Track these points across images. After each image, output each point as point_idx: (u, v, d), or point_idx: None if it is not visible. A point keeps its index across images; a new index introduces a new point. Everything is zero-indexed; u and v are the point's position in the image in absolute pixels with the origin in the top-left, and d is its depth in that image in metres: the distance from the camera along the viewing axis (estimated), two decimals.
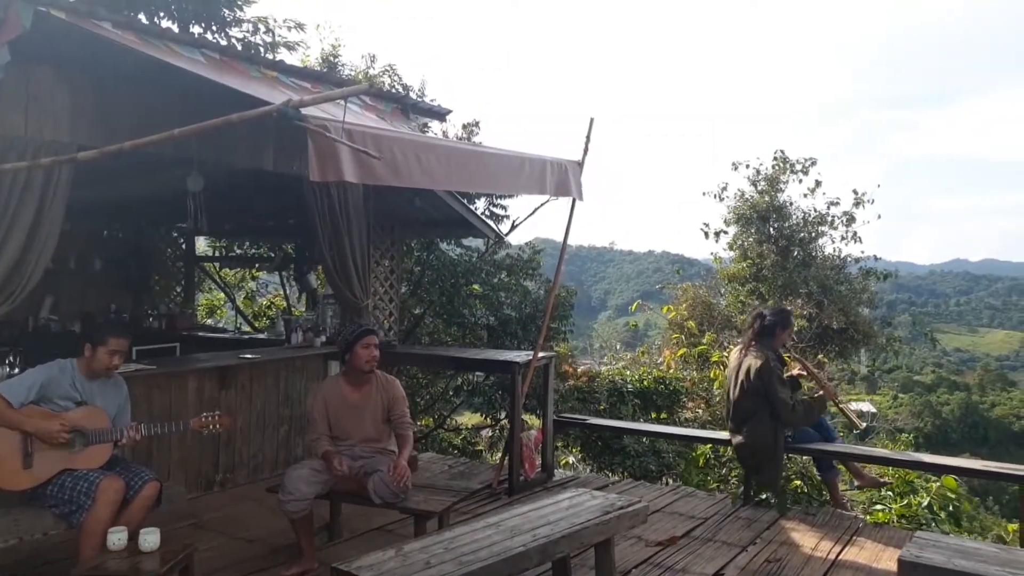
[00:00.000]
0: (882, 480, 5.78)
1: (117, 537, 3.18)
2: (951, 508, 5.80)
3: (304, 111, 3.17)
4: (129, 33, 4.29)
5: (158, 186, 6.51)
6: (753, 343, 5.38)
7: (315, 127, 3.18)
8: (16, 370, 4.34)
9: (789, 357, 5.66)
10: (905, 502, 5.80)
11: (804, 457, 6.14)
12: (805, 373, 5.67)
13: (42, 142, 4.24)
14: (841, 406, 5.74)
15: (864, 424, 10.28)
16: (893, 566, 3.92)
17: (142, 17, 8.52)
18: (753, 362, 5.26)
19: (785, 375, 5.39)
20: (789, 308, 7.46)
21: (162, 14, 8.77)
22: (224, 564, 4.16)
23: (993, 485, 22.83)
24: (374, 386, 4.26)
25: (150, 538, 3.15)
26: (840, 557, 4.55)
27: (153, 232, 8.78)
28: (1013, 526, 5.52)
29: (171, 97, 4.62)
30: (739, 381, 5.35)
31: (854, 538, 4.89)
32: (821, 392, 5.50)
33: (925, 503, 5.70)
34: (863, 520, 5.38)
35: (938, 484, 5.84)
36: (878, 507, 5.78)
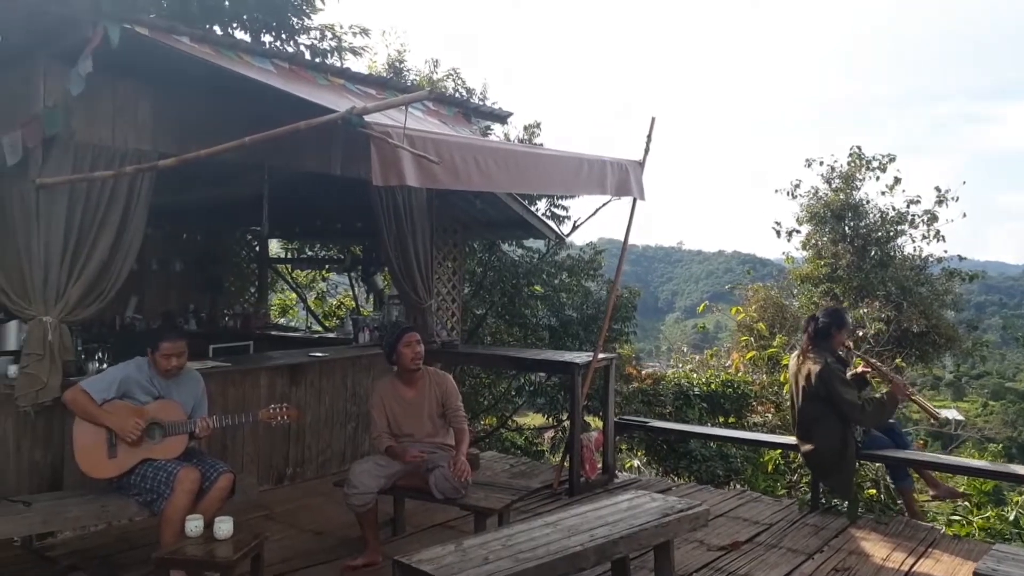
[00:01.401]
0: (958, 491, 5.51)
1: (194, 524, 3.36)
2: None
3: (367, 118, 3.29)
4: (205, 46, 4.51)
5: (232, 190, 6.81)
6: (810, 347, 5.24)
7: (378, 133, 3.28)
8: (104, 365, 4.62)
9: (852, 355, 5.47)
10: (988, 514, 5.52)
11: (878, 464, 5.92)
12: (870, 370, 5.49)
13: (127, 150, 4.51)
14: (916, 398, 5.48)
15: (944, 415, 9.82)
16: None
17: (216, 28, 8.91)
18: (812, 367, 5.12)
19: (848, 374, 5.23)
20: (842, 307, 7.21)
21: (235, 24, 9.13)
22: (292, 554, 4.32)
23: None
24: (426, 382, 4.38)
25: (224, 526, 3.32)
26: (913, 569, 4.36)
27: (228, 235, 9.15)
28: None
29: (243, 104, 4.82)
30: (801, 388, 5.22)
31: (929, 550, 4.68)
32: (890, 388, 5.29)
33: (1012, 516, 5.39)
34: (940, 531, 5.14)
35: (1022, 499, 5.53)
36: (956, 518, 5.52)
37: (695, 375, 10.81)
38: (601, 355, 5.92)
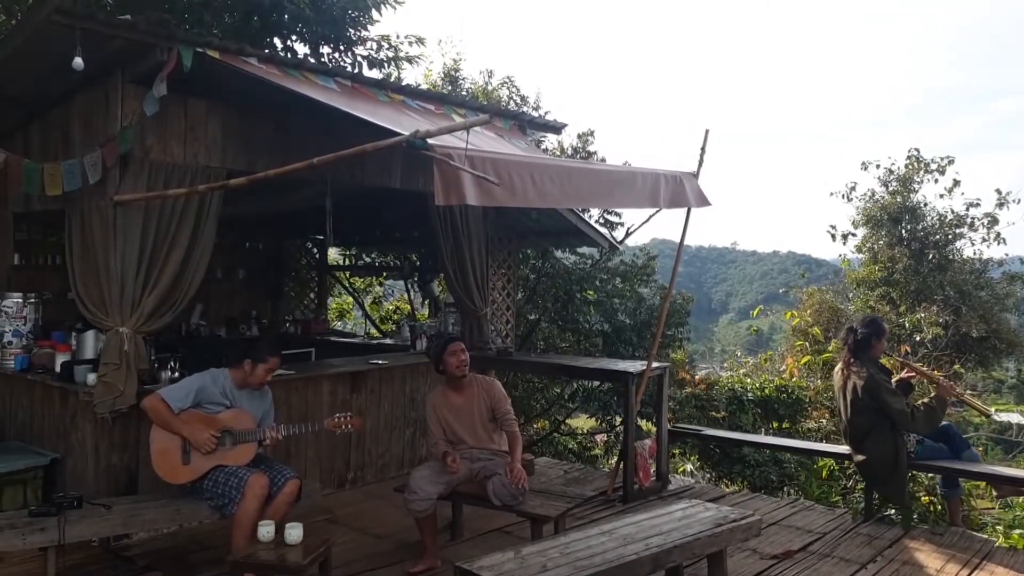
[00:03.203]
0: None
1: (266, 530, 3.53)
2: None
3: (429, 140, 3.43)
4: (271, 67, 4.72)
5: (295, 201, 7.05)
6: (851, 360, 5.23)
7: (440, 156, 3.41)
8: (176, 374, 4.86)
9: (890, 362, 5.43)
10: None
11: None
12: (914, 374, 5.45)
13: (197, 167, 4.74)
14: (964, 397, 5.43)
15: (994, 411, 9.55)
16: None
17: (277, 41, 9.20)
18: (857, 380, 5.13)
19: (893, 381, 5.21)
20: (878, 316, 7.12)
21: (294, 37, 9.41)
22: (356, 557, 4.48)
23: None
24: (475, 389, 4.51)
25: (294, 532, 3.49)
26: None
27: (289, 243, 9.45)
28: None
29: (309, 121, 5.03)
30: (849, 401, 5.23)
31: (984, 562, 4.63)
32: (936, 390, 5.23)
33: None
34: (995, 543, 5.07)
35: None
36: (1017, 531, 5.42)
37: (748, 380, 10.71)
38: (655, 364, 5.97)
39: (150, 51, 4.24)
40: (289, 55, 8.83)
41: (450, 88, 11.49)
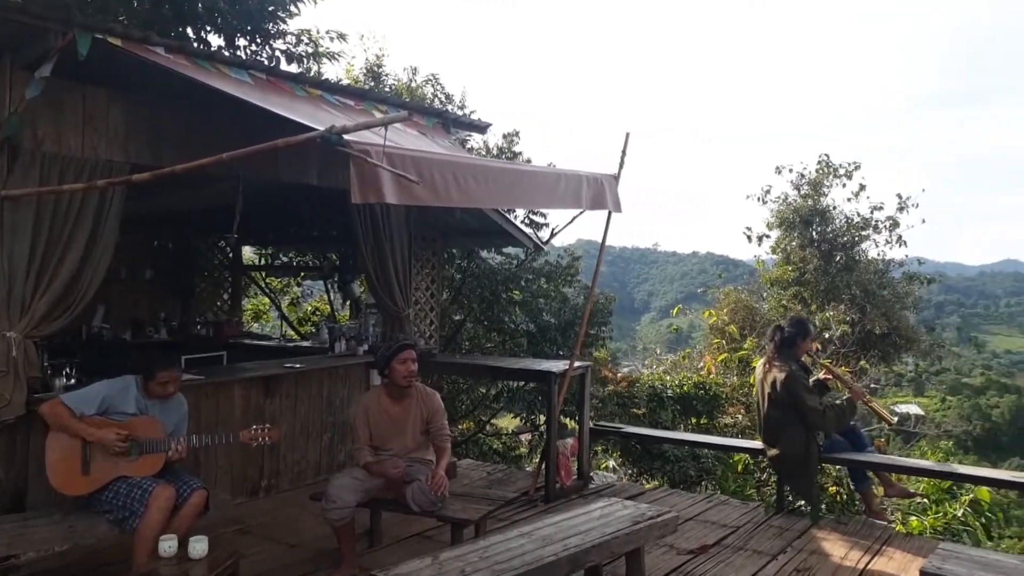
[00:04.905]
0: (910, 490, 5.76)
1: (168, 544, 3.34)
2: (984, 519, 5.74)
3: (346, 136, 3.32)
4: (180, 57, 4.49)
5: (206, 198, 6.76)
6: (775, 356, 5.42)
7: (357, 152, 3.30)
8: (73, 380, 4.56)
9: (813, 362, 5.67)
10: (940, 512, 5.76)
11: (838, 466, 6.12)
12: (831, 377, 5.69)
13: (97, 161, 4.45)
14: (871, 404, 5.74)
15: (896, 419, 10.15)
16: None
17: (190, 31, 8.80)
18: (778, 375, 5.32)
19: (811, 381, 5.42)
20: (805, 317, 7.46)
21: (209, 28, 9.03)
22: (269, 568, 4.32)
23: None
24: (414, 399, 4.38)
25: (199, 546, 3.31)
26: (868, 567, 4.56)
27: (200, 241, 9.07)
28: None
29: (219, 115, 4.80)
30: (767, 395, 5.41)
31: (884, 548, 4.89)
32: (850, 394, 5.49)
33: (959, 513, 5.65)
34: (894, 530, 5.36)
35: (971, 496, 5.79)
36: (913, 517, 5.74)
37: (668, 377, 10.94)
38: (577, 363, 6.00)
39: (43, 35, 3.95)
40: (202, 46, 8.51)
41: (373, 84, 11.28)
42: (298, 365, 5.87)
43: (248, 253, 10.80)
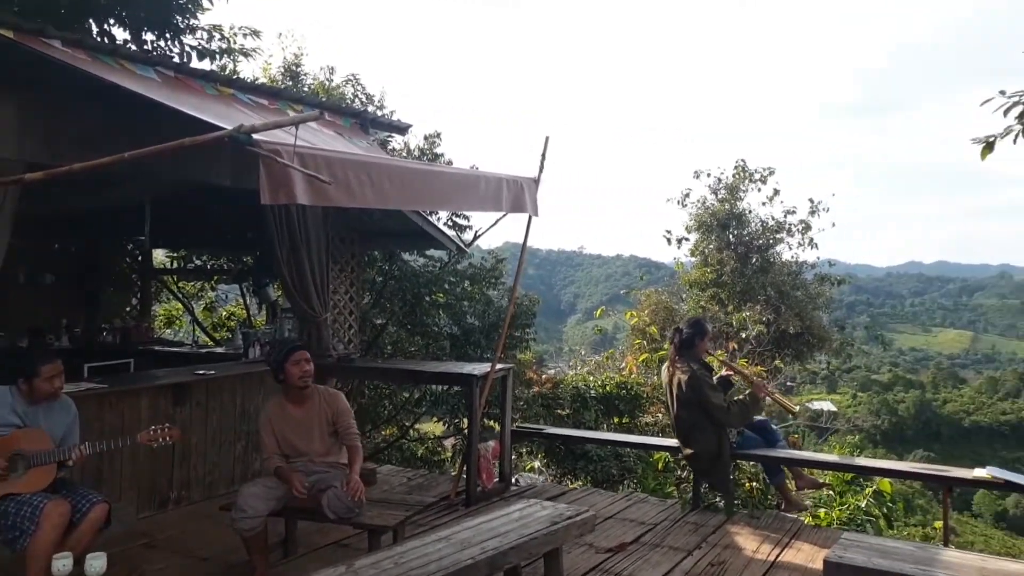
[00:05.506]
0: (820, 481, 6.00)
1: (62, 563, 3.17)
2: (886, 509, 6.04)
3: (256, 135, 3.23)
4: (80, 51, 4.29)
5: (111, 199, 6.48)
6: (677, 357, 5.56)
7: (266, 152, 3.22)
8: None
9: (714, 360, 5.84)
10: (845, 504, 6.03)
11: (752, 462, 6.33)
12: (733, 373, 5.87)
13: None
14: (774, 396, 5.94)
15: (797, 409, 10.62)
16: None
17: (92, 24, 8.40)
18: (681, 376, 5.46)
19: (714, 378, 5.58)
20: (702, 317, 7.71)
21: (112, 21, 8.64)
22: None
23: None
24: (316, 401, 4.30)
25: (96, 563, 3.16)
26: (779, 559, 4.73)
27: (107, 244, 8.66)
28: (939, 523, 5.80)
29: (123, 113, 4.59)
30: (675, 396, 5.55)
31: (793, 540, 5.08)
32: (752, 389, 5.66)
33: (863, 504, 5.93)
34: (803, 522, 5.57)
35: (874, 488, 6.08)
36: (822, 509, 5.99)
37: (592, 377, 11.09)
38: (499, 366, 6.01)
39: None
40: (106, 40, 8.13)
41: (291, 84, 11.04)
42: (210, 371, 5.68)
43: (160, 256, 10.39)
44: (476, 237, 10.60)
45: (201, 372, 5.63)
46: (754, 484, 7.17)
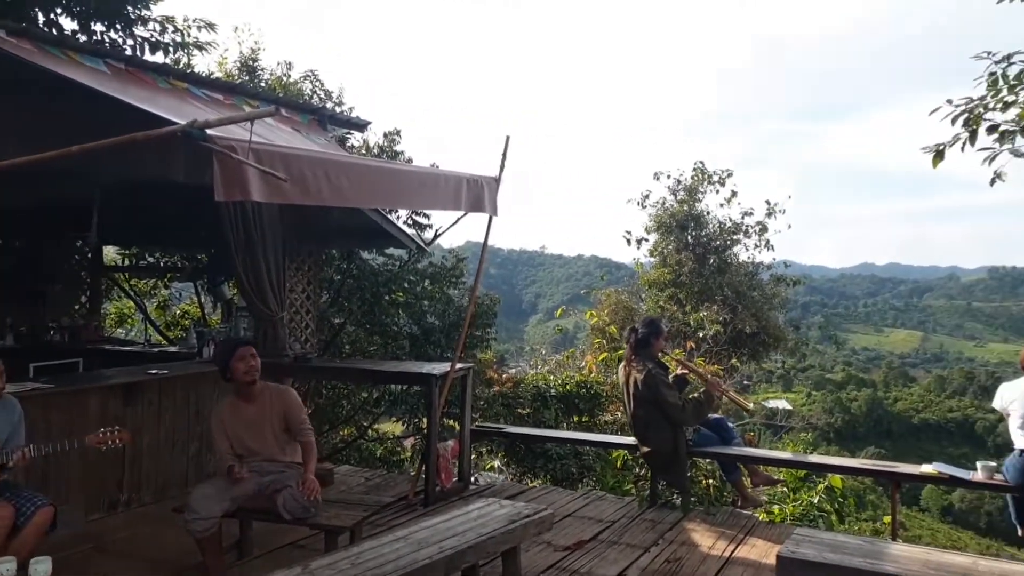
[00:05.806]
0: (775, 477, 6.12)
1: (6, 568, 3.07)
2: (837, 504, 6.19)
3: (210, 131, 3.17)
4: (25, 41, 4.17)
5: (57, 194, 6.28)
6: (633, 356, 5.63)
7: (221, 147, 3.17)
8: None
9: (669, 359, 5.92)
10: (798, 500, 6.16)
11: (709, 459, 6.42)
12: (687, 371, 5.96)
13: None
14: (729, 394, 6.05)
15: (752, 407, 10.82)
16: None
17: (38, 14, 8.13)
18: (637, 375, 5.53)
19: (670, 377, 5.65)
20: (658, 317, 7.82)
21: (59, 10, 8.37)
22: None
23: None
24: (266, 398, 4.23)
25: (41, 567, 3.06)
26: (733, 555, 4.80)
27: (54, 241, 8.41)
28: (888, 518, 5.97)
29: (71, 106, 4.46)
30: (631, 395, 5.61)
31: (747, 537, 5.17)
32: (706, 387, 5.76)
33: (815, 500, 6.07)
34: (757, 518, 5.67)
35: (825, 484, 6.22)
36: (776, 506, 6.11)
37: (552, 376, 11.14)
38: (459, 365, 5.99)
39: None
40: (53, 30, 7.90)
41: (247, 79, 10.85)
42: (162, 371, 5.55)
43: (111, 253, 10.13)
44: (436, 236, 10.56)
45: (153, 371, 5.51)
46: (710, 481, 7.28)
